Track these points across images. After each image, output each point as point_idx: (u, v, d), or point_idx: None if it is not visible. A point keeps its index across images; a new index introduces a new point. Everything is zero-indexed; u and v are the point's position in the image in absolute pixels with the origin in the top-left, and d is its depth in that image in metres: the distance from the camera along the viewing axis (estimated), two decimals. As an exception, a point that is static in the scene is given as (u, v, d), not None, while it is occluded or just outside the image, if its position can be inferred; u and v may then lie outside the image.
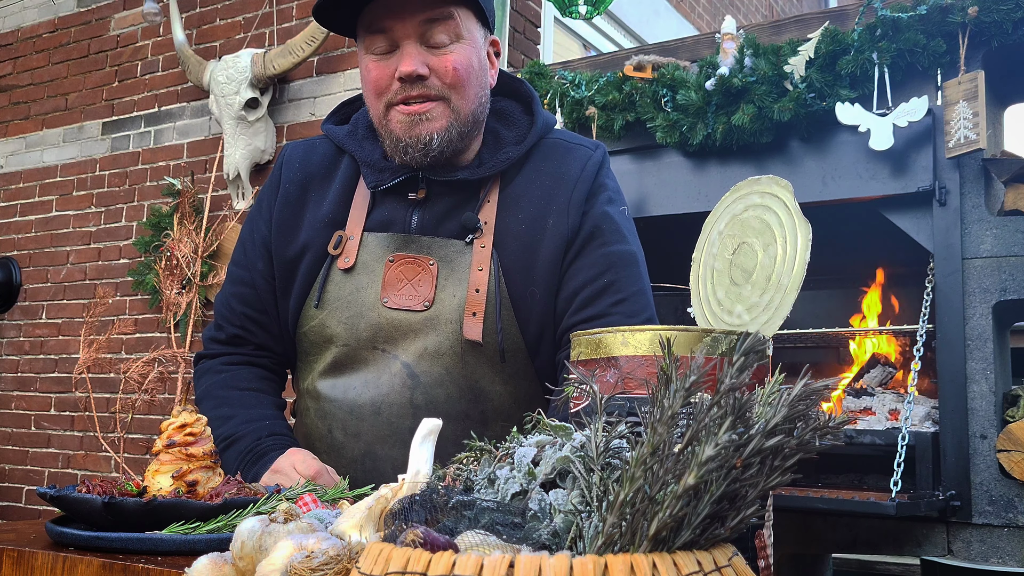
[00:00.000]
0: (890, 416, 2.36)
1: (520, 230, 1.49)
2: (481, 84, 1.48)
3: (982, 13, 2.15)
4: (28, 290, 4.51)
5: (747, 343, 0.68)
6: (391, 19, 1.40)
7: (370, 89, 1.46)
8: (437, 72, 1.41)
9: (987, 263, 2.17)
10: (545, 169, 1.53)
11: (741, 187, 1.21)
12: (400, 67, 1.40)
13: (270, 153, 3.78)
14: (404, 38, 1.41)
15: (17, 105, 4.73)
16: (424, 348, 1.45)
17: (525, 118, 1.58)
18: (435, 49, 1.42)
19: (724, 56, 2.46)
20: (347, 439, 1.48)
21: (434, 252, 1.48)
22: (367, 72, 1.45)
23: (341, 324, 1.48)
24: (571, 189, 1.51)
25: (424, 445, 0.85)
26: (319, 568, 0.72)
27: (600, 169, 1.55)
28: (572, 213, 1.49)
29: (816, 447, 0.63)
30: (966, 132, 2.13)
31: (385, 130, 1.46)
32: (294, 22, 3.84)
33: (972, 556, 2.12)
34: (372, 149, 1.54)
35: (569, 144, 1.57)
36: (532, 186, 1.51)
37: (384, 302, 1.46)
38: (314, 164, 1.58)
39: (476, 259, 1.46)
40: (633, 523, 0.58)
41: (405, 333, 1.46)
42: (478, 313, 1.44)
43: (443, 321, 1.45)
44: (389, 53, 1.43)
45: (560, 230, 1.48)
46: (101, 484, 1.11)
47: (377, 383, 1.46)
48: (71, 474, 4.17)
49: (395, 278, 1.47)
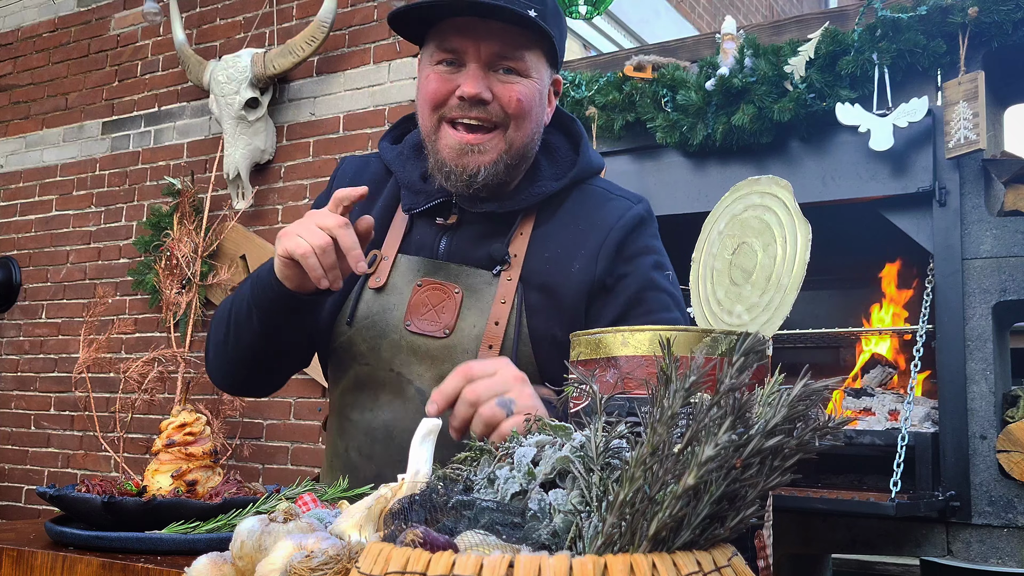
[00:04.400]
0: (890, 416, 2.36)
1: (545, 269, 1.47)
2: (538, 121, 1.47)
3: (982, 14, 2.15)
4: (28, 290, 4.51)
5: (747, 343, 0.68)
6: (465, 41, 1.39)
7: (427, 100, 1.44)
8: (500, 99, 1.40)
9: (987, 263, 2.17)
10: (581, 213, 1.51)
11: (741, 187, 1.21)
12: (464, 87, 1.38)
13: (270, 153, 3.78)
14: (472, 60, 1.40)
15: (17, 105, 4.73)
16: (439, 375, 1.42)
17: (570, 155, 1.57)
18: (502, 76, 1.41)
19: (724, 56, 2.46)
20: (361, 460, 1.48)
21: (461, 280, 1.47)
22: (427, 82, 1.43)
23: (365, 343, 1.48)
24: (603, 237, 1.48)
25: (424, 445, 0.85)
26: (319, 568, 0.72)
27: (640, 224, 1.52)
28: (600, 262, 1.47)
29: (816, 447, 0.63)
30: (966, 132, 2.13)
31: (433, 146, 1.45)
32: (294, 22, 3.84)
33: (972, 556, 2.12)
34: (412, 170, 1.53)
35: (610, 194, 1.55)
36: (564, 228, 1.50)
37: (407, 325, 1.46)
38: (363, 181, 1.57)
39: (501, 291, 1.45)
40: (633, 523, 0.58)
41: (422, 359, 1.45)
42: (494, 346, 1.43)
43: (460, 351, 1.44)
44: (453, 69, 1.42)
45: (584, 277, 1.46)
46: (101, 484, 1.11)
47: (391, 406, 1.46)
48: (71, 474, 4.17)
49: (420, 302, 1.46)
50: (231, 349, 1.48)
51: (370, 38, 3.64)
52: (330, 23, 3.52)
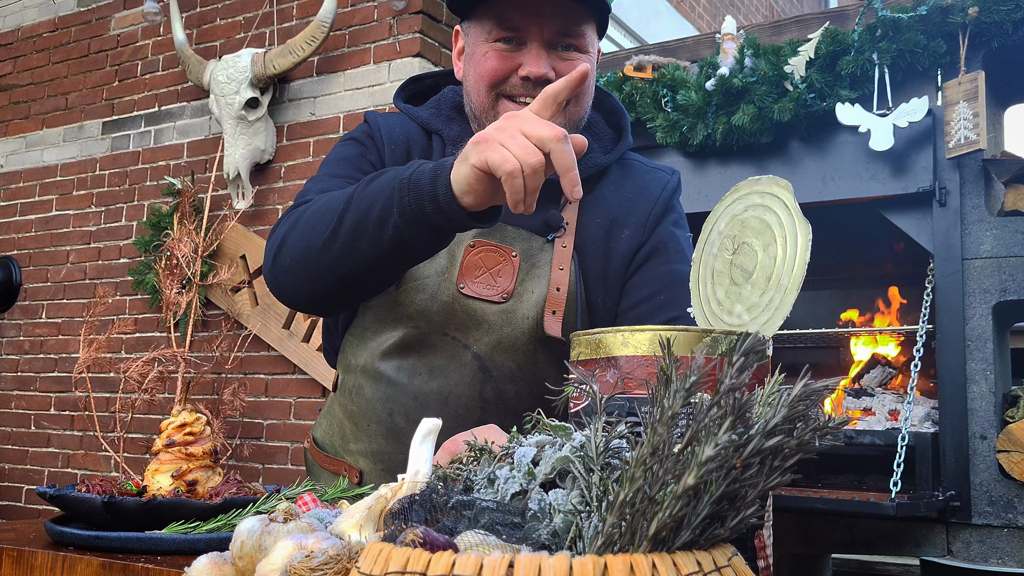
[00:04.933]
0: (890, 416, 2.36)
1: (598, 235, 1.49)
2: (591, 96, 1.49)
3: (982, 14, 2.15)
4: (28, 289, 4.51)
5: (747, 343, 0.68)
6: (527, 19, 1.39)
7: (484, 77, 1.42)
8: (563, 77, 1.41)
9: (987, 263, 2.17)
10: (627, 184, 1.55)
11: (741, 187, 1.21)
12: (530, 67, 1.38)
13: (270, 153, 3.78)
14: (534, 40, 1.39)
15: (17, 105, 4.73)
16: (499, 341, 1.42)
17: (609, 131, 1.60)
18: (562, 54, 1.41)
19: (724, 56, 2.46)
20: (409, 426, 1.40)
21: (517, 244, 1.45)
22: (485, 59, 1.42)
23: (414, 305, 1.42)
24: (651, 206, 1.53)
25: (424, 445, 0.85)
26: (319, 568, 0.72)
27: (675, 193, 1.59)
28: (647, 229, 1.52)
29: (816, 447, 0.63)
30: (966, 132, 2.13)
31: (489, 119, 1.41)
32: (294, 22, 3.84)
33: (971, 556, 2.12)
34: (460, 130, 1.51)
35: (648, 167, 1.60)
36: (614, 196, 1.52)
37: (460, 288, 1.42)
38: (409, 136, 1.53)
39: (557, 257, 1.45)
40: (633, 523, 0.58)
41: (479, 323, 1.42)
42: (558, 312, 1.42)
43: (520, 316, 1.42)
44: (513, 47, 1.41)
45: (632, 243, 1.50)
46: (101, 483, 1.11)
47: (446, 371, 1.42)
48: (71, 473, 4.17)
49: (474, 264, 1.42)
50: (332, 258, 1.27)
51: (370, 38, 3.64)
52: (330, 23, 3.52)
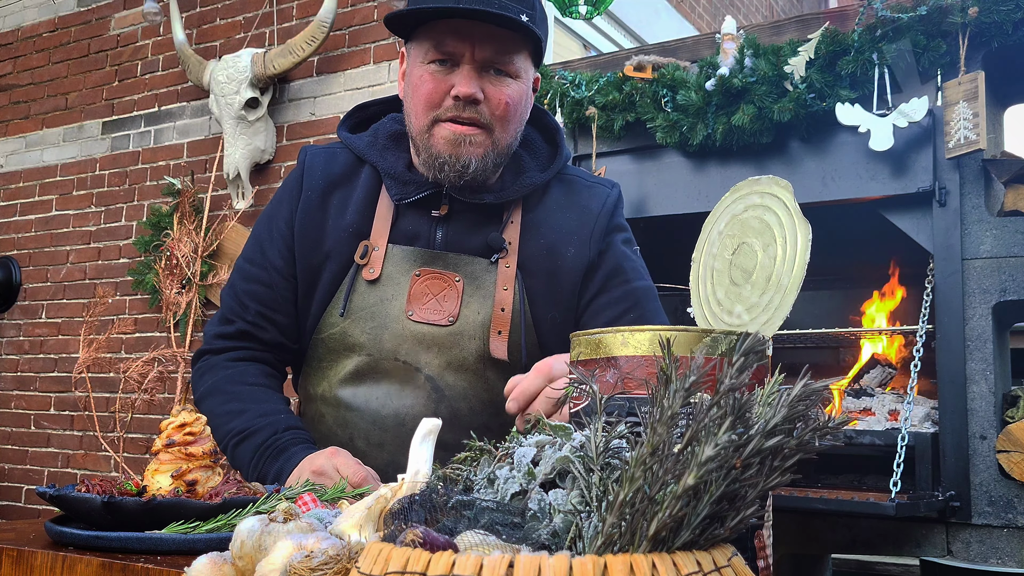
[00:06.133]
0: (890, 416, 2.36)
1: (541, 254, 1.54)
2: (522, 119, 1.52)
3: (982, 14, 2.15)
4: (28, 289, 4.51)
5: (747, 343, 0.68)
6: (461, 44, 1.42)
7: (421, 100, 1.46)
8: (490, 101, 1.44)
9: (987, 264, 2.17)
10: (567, 202, 1.59)
11: (741, 187, 1.21)
12: (459, 87, 1.42)
13: (270, 153, 3.78)
14: (467, 62, 1.43)
15: (17, 105, 4.73)
16: (448, 362, 1.49)
17: (546, 147, 1.64)
18: (493, 77, 1.45)
19: (724, 56, 2.46)
20: (370, 448, 1.50)
21: (460, 269, 1.51)
22: (421, 83, 1.46)
23: (365, 334, 1.50)
24: (593, 223, 1.58)
25: (423, 445, 0.85)
26: (319, 568, 0.72)
27: (616, 207, 1.63)
28: (592, 246, 1.57)
29: (816, 447, 0.63)
30: (966, 132, 2.13)
31: (424, 143, 1.47)
32: (294, 22, 3.84)
33: (971, 557, 2.12)
34: (395, 160, 1.55)
35: (588, 181, 1.64)
36: (554, 215, 1.57)
37: (409, 315, 1.49)
38: (336, 172, 1.58)
39: (501, 278, 1.51)
40: (633, 523, 0.58)
41: (429, 347, 1.49)
42: (503, 332, 1.49)
43: (467, 337, 1.49)
44: (447, 69, 1.45)
45: (579, 261, 1.55)
46: (101, 483, 1.11)
47: (401, 395, 1.50)
48: (71, 473, 4.17)
49: (420, 292, 1.50)
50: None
51: (370, 38, 3.64)
52: (330, 23, 3.51)
